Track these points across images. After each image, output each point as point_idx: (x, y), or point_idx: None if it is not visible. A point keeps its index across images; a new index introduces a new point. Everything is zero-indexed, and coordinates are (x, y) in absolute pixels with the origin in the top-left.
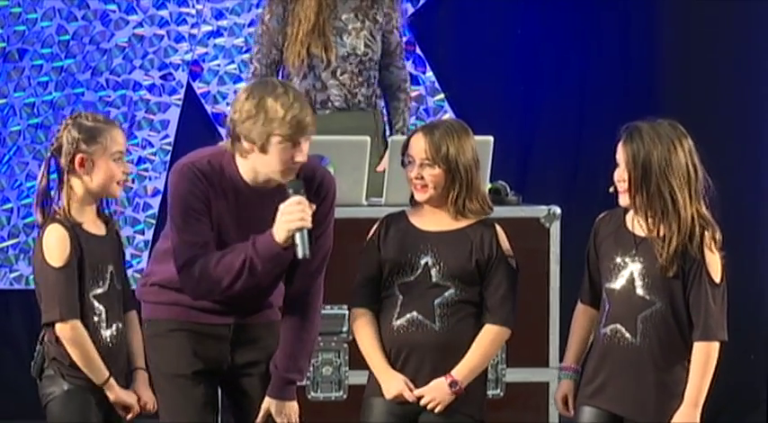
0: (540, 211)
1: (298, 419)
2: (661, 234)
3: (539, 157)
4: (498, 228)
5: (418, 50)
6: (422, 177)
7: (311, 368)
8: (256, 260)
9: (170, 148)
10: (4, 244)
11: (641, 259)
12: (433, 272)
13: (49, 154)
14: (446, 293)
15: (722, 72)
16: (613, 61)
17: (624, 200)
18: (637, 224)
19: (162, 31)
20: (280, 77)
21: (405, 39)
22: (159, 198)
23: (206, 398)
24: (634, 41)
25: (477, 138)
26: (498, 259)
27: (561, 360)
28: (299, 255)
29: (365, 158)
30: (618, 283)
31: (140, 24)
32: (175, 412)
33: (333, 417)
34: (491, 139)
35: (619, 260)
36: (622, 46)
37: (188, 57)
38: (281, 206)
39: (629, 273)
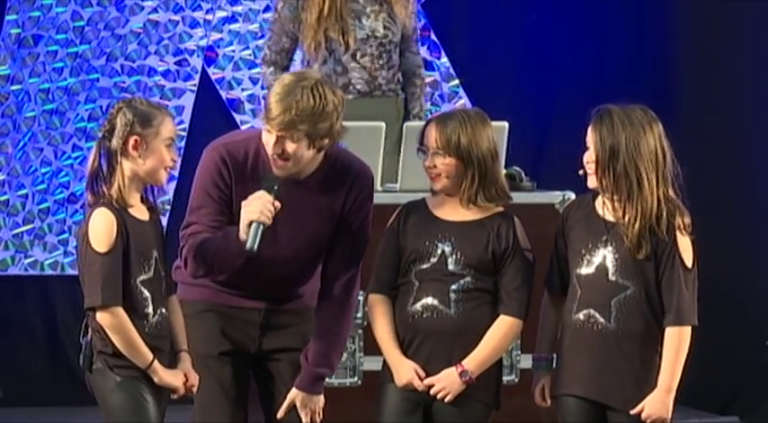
0: (554, 196)
1: (322, 413)
2: (626, 216)
3: (553, 142)
4: (517, 220)
5: (433, 36)
6: (435, 166)
7: None
8: (223, 255)
9: (185, 134)
10: (19, 230)
11: (613, 244)
12: (450, 260)
13: (100, 135)
14: (462, 281)
15: (739, 59)
16: (628, 47)
17: (592, 182)
18: (607, 210)
19: (177, 17)
20: (301, 64)
21: (420, 24)
22: (174, 184)
23: (234, 379)
24: (649, 26)
25: (492, 123)
26: (515, 251)
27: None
28: (247, 247)
29: (380, 144)
30: (589, 269)
31: (155, 10)
32: (204, 392)
33: (348, 403)
34: (506, 124)
35: (590, 246)
36: (638, 31)
37: (203, 42)
38: (249, 199)
39: (600, 258)
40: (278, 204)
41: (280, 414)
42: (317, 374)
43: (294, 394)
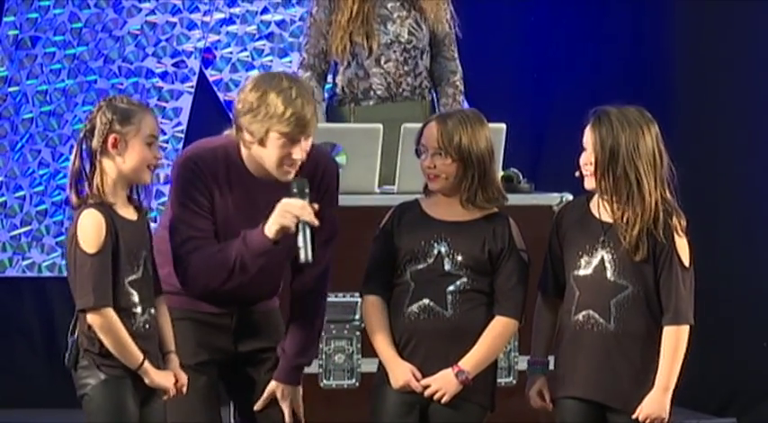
0: (552, 198)
1: (301, 403)
2: (625, 218)
3: (551, 144)
4: (512, 221)
5: None
6: (434, 167)
7: (323, 356)
8: (247, 256)
9: (182, 135)
10: (17, 231)
11: (611, 245)
12: (446, 261)
13: (81, 135)
14: (458, 282)
15: (736, 61)
16: (626, 49)
17: (590, 183)
18: (603, 210)
19: (174, 19)
20: (324, 66)
21: (455, 30)
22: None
23: (209, 388)
24: (647, 28)
25: (490, 125)
26: (510, 251)
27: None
28: (302, 259)
29: (377, 146)
30: (587, 270)
31: (153, 12)
32: (179, 402)
33: (345, 404)
34: (503, 126)
35: (587, 247)
36: (635, 32)
37: (200, 44)
38: (282, 201)
39: (598, 259)
40: (316, 206)
41: (258, 406)
42: (298, 365)
43: (273, 387)
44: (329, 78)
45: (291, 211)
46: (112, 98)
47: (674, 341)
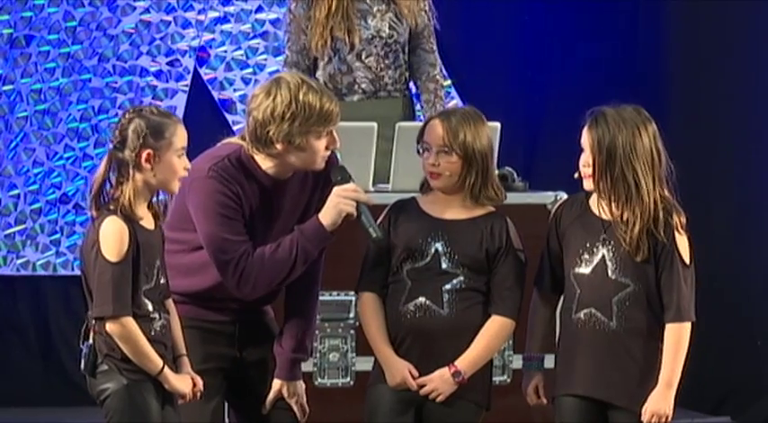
0: (546, 197)
1: (305, 397)
2: (624, 218)
3: (545, 143)
4: (509, 221)
5: None
6: (438, 164)
7: (318, 354)
8: (309, 248)
9: None
10: (11, 230)
11: (611, 243)
12: (443, 259)
13: (111, 147)
14: (455, 280)
15: (730, 60)
16: (620, 47)
17: (588, 185)
18: (602, 209)
19: (169, 17)
20: (307, 62)
21: (434, 22)
22: None
23: (213, 393)
24: (642, 28)
25: None
26: (507, 251)
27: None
28: (373, 235)
29: (372, 144)
30: (588, 268)
31: (147, 10)
32: (185, 410)
33: (340, 403)
34: (498, 125)
35: (588, 245)
36: (630, 32)
37: (195, 43)
38: (334, 191)
39: (599, 257)
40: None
41: (266, 405)
42: (297, 359)
43: (279, 385)
44: None
45: (350, 197)
46: (142, 109)
47: (677, 338)
